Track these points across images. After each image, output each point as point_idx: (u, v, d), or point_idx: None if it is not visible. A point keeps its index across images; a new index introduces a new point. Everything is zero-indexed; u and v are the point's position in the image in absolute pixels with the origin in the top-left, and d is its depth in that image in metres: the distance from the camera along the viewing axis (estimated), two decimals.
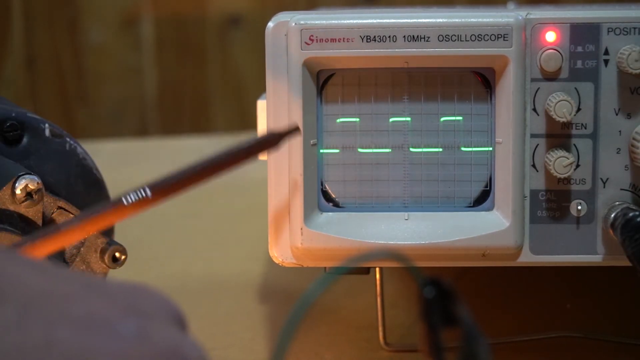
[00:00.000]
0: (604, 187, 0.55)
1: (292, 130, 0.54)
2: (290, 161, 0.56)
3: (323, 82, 0.56)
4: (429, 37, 0.54)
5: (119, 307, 0.34)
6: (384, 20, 0.55)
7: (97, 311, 0.33)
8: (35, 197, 0.54)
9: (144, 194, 0.47)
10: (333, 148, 0.57)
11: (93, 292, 0.34)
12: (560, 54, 0.55)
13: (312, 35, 0.55)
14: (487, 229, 0.56)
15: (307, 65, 0.55)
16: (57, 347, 0.31)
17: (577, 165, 0.55)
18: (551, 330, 0.65)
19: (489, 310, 0.70)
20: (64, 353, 0.31)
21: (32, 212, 0.54)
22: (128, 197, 0.46)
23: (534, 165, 0.56)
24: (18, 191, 0.53)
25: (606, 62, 0.55)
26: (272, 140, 0.53)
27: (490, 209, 0.57)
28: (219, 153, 0.50)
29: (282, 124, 0.56)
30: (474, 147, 0.57)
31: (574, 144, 0.55)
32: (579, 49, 0.55)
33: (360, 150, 0.57)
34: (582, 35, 0.55)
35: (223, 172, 0.50)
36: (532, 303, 0.72)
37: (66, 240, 0.46)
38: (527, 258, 0.56)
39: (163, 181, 0.48)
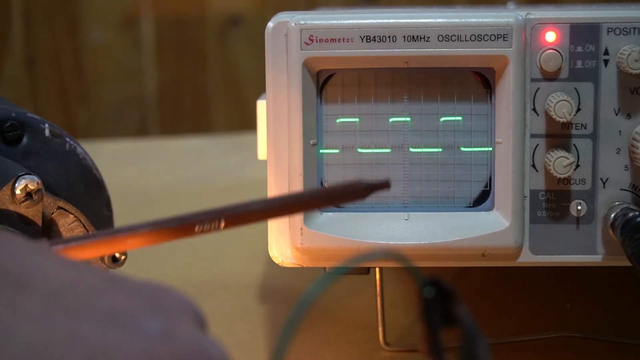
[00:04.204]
0: (604, 187, 0.55)
1: (383, 185, 0.49)
2: (290, 161, 0.56)
3: (323, 82, 0.56)
4: (429, 37, 0.54)
5: (144, 304, 0.34)
6: (384, 20, 0.55)
7: (122, 307, 0.33)
8: (35, 197, 0.54)
9: (217, 226, 0.45)
10: (333, 148, 0.57)
11: (117, 288, 0.34)
12: (560, 54, 0.55)
13: (312, 36, 0.55)
14: (487, 229, 0.56)
15: (307, 65, 0.55)
16: (81, 341, 0.31)
17: (577, 166, 0.55)
18: (551, 330, 0.65)
19: (489, 310, 0.70)
20: (88, 348, 0.31)
21: (31, 212, 0.54)
22: (201, 226, 0.45)
23: (533, 166, 0.56)
24: (18, 191, 0.53)
25: (606, 62, 0.55)
26: (360, 191, 0.49)
27: (490, 209, 0.57)
28: (301, 193, 0.49)
29: (282, 124, 0.56)
30: (474, 147, 0.57)
31: (574, 144, 0.55)
32: (579, 49, 0.55)
33: (360, 150, 0.57)
34: (582, 35, 0.55)
35: (299, 212, 0.49)
36: (532, 303, 0.72)
37: (127, 245, 0.45)
38: (527, 258, 0.56)
39: (237, 210, 0.46)
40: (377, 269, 0.61)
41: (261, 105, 0.58)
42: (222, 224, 0.45)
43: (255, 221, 0.46)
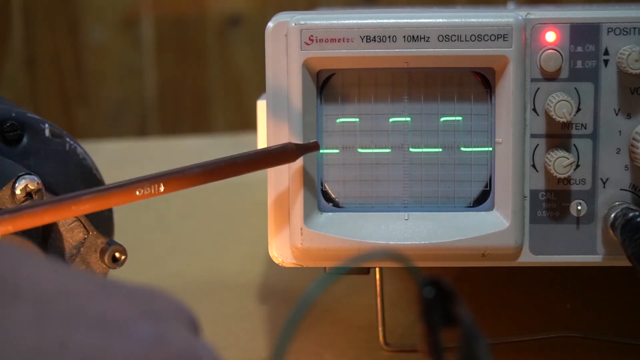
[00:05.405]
0: (604, 187, 0.55)
1: (312, 146, 0.55)
2: None
3: (323, 82, 0.56)
4: (429, 37, 0.54)
5: (135, 309, 0.33)
6: (384, 20, 0.55)
7: (113, 312, 0.33)
8: (35, 197, 0.54)
9: (157, 189, 0.48)
10: (333, 148, 0.57)
11: (109, 293, 0.34)
12: (560, 54, 0.55)
13: (312, 36, 0.55)
14: (487, 229, 0.56)
15: (307, 65, 0.55)
16: (73, 347, 0.31)
17: (577, 166, 0.55)
18: (551, 330, 0.65)
19: (489, 310, 0.70)
20: (80, 353, 0.31)
21: None
22: (142, 190, 0.48)
23: (534, 165, 0.56)
24: (18, 191, 0.53)
25: (606, 62, 0.55)
26: (291, 153, 0.53)
27: (490, 209, 0.57)
28: (234, 156, 0.51)
29: (282, 124, 0.56)
30: (474, 147, 0.57)
31: (574, 144, 0.55)
32: (579, 49, 0.55)
33: (360, 150, 0.57)
34: (582, 35, 0.55)
35: (234, 175, 0.51)
36: (532, 303, 0.72)
37: (71, 213, 0.47)
38: (527, 258, 0.56)
39: (175, 175, 0.49)
40: (377, 269, 0.61)
41: (261, 105, 0.58)
42: (162, 188, 0.47)
43: (193, 185, 0.50)
